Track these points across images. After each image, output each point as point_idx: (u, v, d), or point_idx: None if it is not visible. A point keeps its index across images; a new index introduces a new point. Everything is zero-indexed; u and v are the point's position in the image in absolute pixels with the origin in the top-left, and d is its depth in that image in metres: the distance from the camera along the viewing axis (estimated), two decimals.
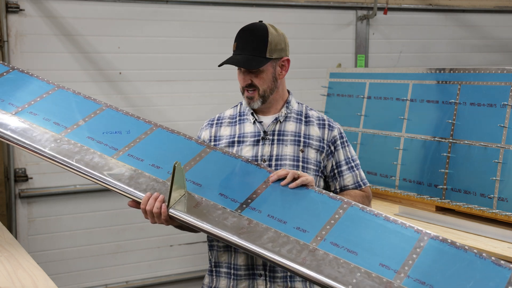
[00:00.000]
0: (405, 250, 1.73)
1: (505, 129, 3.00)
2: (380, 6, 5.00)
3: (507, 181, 2.97)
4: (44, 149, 2.11)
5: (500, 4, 5.62)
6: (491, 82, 3.13)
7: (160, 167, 2.04)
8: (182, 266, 4.64)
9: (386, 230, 1.81)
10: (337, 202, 1.91)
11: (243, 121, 2.21)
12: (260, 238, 1.80)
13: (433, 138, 3.40)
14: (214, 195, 1.95)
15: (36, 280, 2.16)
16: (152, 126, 2.21)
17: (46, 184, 4.16)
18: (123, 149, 2.10)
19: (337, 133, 2.20)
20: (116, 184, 2.00)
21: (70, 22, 4.15)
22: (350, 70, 4.25)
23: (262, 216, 1.87)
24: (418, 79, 3.59)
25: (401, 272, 1.68)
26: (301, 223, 1.84)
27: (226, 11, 4.61)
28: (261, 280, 2.09)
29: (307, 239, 1.79)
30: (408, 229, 1.80)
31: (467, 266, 1.68)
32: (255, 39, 2.12)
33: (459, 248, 1.72)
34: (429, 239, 1.76)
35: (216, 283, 2.19)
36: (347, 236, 1.79)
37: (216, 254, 2.19)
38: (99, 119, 2.23)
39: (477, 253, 1.70)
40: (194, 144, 2.14)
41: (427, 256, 1.72)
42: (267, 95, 2.15)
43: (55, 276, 4.11)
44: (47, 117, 2.23)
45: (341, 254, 1.74)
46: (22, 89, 2.38)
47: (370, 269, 1.69)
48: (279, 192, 1.95)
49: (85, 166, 2.06)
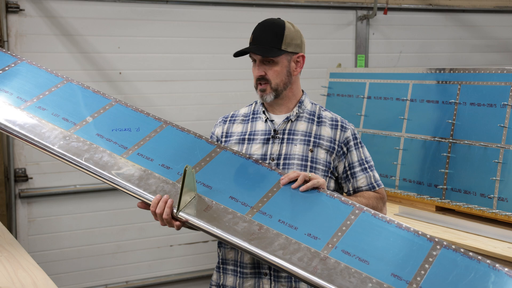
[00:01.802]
0: (418, 260, 1.71)
1: (505, 129, 3.00)
2: (380, 6, 5.00)
3: (507, 181, 2.97)
4: (53, 146, 2.06)
5: (500, 4, 5.62)
6: (491, 82, 3.13)
7: (170, 167, 2.01)
8: (182, 266, 4.64)
9: (398, 238, 1.78)
10: (349, 207, 1.88)
11: (255, 119, 2.22)
12: (271, 244, 1.77)
13: (433, 138, 3.40)
14: (224, 198, 1.91)
15: (36, 280, 2.16)
16: (162, 123, 2.17)
17: (46, 184, 4.16)
18: (133, 148, 2.07)
19: (350, 134, 2.19)
20: (126, 185, 1.96)
21: (70, 22, 4.15)
22: (350, 70, 4.25)
23: (273, 221, 1.84)
24: (418, 79, 3.59)
25: (413, 283, 1.65)
26: (312, 229, 1.81)
27: (226, 11, 4.61)
28: (267, 279, 2.10)
29: (318, 247, 1.76)
30: (421, 237, 1.77)
31: (480, 277, 1.65)
32: (272, 31, 2.13)
33: (472, 258, 1.70)
34: (442, 249, 1.73)
35: (223, 280, 2.19)
36: (359, 244, 1.76)
37: (224, 251, 2.20)
38: (108, 115, 2.18)
39: (490, 264, 1.68)
40: (204, 144, 2.10)
41: (440, 267, 1.69)
42: (280, 89, 2.15)
43: (55, 276, 4.11)
44: (56, 112, 2.18)
45: (352, 263, 1.71)
46: (30, 81, 2.33)
47: (381, 279, 1.66)
48: (290, 196, 1.91)
49: (94, 165, 2.01)
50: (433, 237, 1.77)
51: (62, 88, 2.29)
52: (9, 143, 4.00)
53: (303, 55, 2.20)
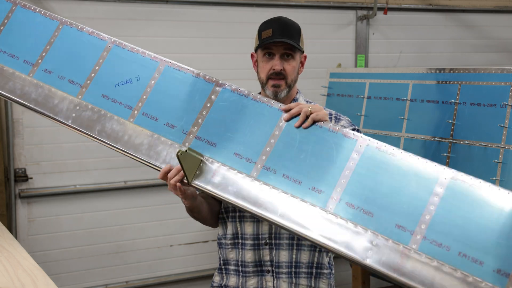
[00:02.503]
0: (423, 201, 1.67)
1: (505, 129, 3.00)
2: (380, 6, 5.00)
3: (507, 181, 2.97)
4: (67, 122, 2.19)
5: (500, 4, 5.61)
6: (491, 82, 3.13)
7: (175, 125, 2.06)
8: (182, 266, 4.63)
9: (405, 174, 1.74)
10: (352, 141, 1.85)
11: None
12: (277, 209, 1.80)
13: (433, 138, 3.40)
14: (229, 156, 1.94)
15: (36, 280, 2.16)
16: (159, 64, 2.19)
17: (46, 184, 4.16)
18: (137, 106, 2.13)
19: (345, 123, 2.21)
20: (137, 157, 2.06)
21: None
22: (350, 70, 4.25)
23: (277, 178, 1.86)
24: (418, 79, 3.59)
25: (418, 233, 1.64)
26: (316, 181, 1.81)
27: (226, 11, 4.61)
28: (269, 276, 2.11)
29: (322, 203, 1.77)
30: (427, 168, 1.72)
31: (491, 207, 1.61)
32: (292, 27, 2.16)
33: (480, 182, 1.65)
34: (449, 181, 1.68)
35: (226, 281, 2.20)
36: (362, 191, 1.75)
37: (225, 252, 2.21)
38: (108, 65, 2.24)
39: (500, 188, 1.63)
40: (203, 83, 2.11)
41: (445, 206, 1.65)
42: (292, 86, 2.18)
43: (55, 276, 4.11)
44: (61, 74, 2.26)
45: (357, 218, 1.72)
46: (30, 34, 2.38)
47: (386, 234, 1.67)
48: (292, 140, 1.91)
49: (107, 138, 2.12)
50: (438, 167, 1.71)
51: (60, 37, 2.34)
52: (9, 143, 4.00)
53: (306, 56, 2.24)
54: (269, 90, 2.16)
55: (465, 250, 1.59)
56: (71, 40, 2.32)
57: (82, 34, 2.32)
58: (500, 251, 1.55)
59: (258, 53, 2.18)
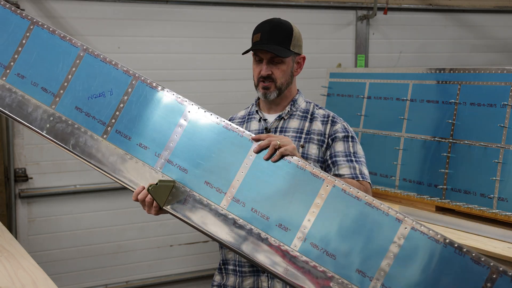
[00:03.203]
0: (384, 248, 1.74)
1: (505, 129, 3.00)
2: (380, 6, 5.00)
3: (507, 181, 2.97)
4: (42, 131, 2.16)
5: (500, 4, 5.61)
6: (491, 82, 3.13)
7: (148, 146, 2.05)
8: (182, 266, 4.63)
9: (368, 218, 1.79)
10: (319, 181, 1.87)
11: (250, 120, 2.27)
12: (245, 241, 1.87)
13: (433, 138, 3.40)
14: (200, 184, 1.96)
15: (36, 280, 2.16)
16: (132, 79, 2.14)
17: (46, 184, 4.16)
18: (110, 122, 2.11)
19: (339, 128, 2.18)
20: (111, 175, 2.09)
21: (70, 22, 4.15)
22: (350, 70, 4.26)
23: (246, 211, 1.89)
24: (418, 79, 3.59)
25: (377, 280, 1.71)
26: (283, 217, 1.86)
27: (226, 11, 4.61)
28: (264, 277, 2.13)
29: (288, 241, 1.83)
30: (390, 216, 1.77)
31: (446, 264, 1.68)
32: (282, 31, 2.15)
33: (438, 242, 1.71)
34: (409, 230, 1.74)
35: (225, 281, 2.22)
36: (328, 233, 1.80)
37: (224, 252, 2.23)
38: (81, 75, 2.18)
39: (457, 247, 1.69)
40: (175, 104, 2.09)
41: (404, 256, 1.72)
42: (283, 89, 2.18)
43: (55, 276, 4.11)
44: (34, 81, 2.21)
45: (320, 260, 1.78)
46: (2, 33, 2.28)
47: (347, 278, 1.74)
48: (261, 172, 1.93)
49: (81, 153, 2.11)
50: (401, 217, 1.76)
51: (31, 39, 2.26)
52: (9, 143, 4.00)
53: (304, 57, 2.23)
54: (259, 92, 2.19)
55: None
56: (43, 43, 2.24)
57: (54, 38, 2.24)
58: None
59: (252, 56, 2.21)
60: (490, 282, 1.62)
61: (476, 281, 1.64)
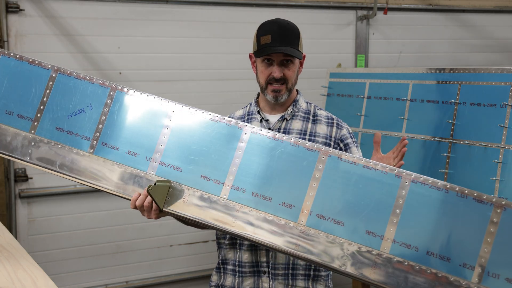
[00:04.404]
0: (388, 206, 1.76)
1: (505, 129, 3.00)
2: (380, 6, 5.00)
3: (507, 181, 2.97)
4: (25, 158, 2.15)
5: (500, 4, 5.61)
6: (491, 82, 3.13)
7: (137, 153, 2.04)
8: (182, 266, 4.64)
9: (368, 182, 1.81)
10: (314, 153, 1.88)
11: (250, 120, 2.23)
12: (252, 226, 1.86)
13: (433, 138, 3.40)
14: (196, 180, 1.95)
15: (36, 280, 2.16)
16: (110, 90, 2.12)
17: (46, 184, 4.16)
18: (95, 136, 2.09)
19: (346, 132, 2.21)
20: (105, 188, 2.05)
21: (70, 22, 4.15)
22: (350, 70, 4.25)
23: (247, 197, 1.89)
24: (418, 79, 3.59)
25: (387, 238, 1.73)
26: (286, 196, 1.86)
27: (226, 11, 4.61)
28: (265, 277, 2.11)
29: (294, 217, 1.83)
30: (389, 174, 1.79)
31: (450, 209, 1.72)
32: (292, 32, 2.15)
33: (440, 189, 1.74)
34: (410, 183, 1.76)
35: (223, 281, 2.20)
36: (332, 202, 1.82)
37: (223, 251, 2.21)
38: (56, 95, 2.15)
39: (459, 191, 1.73)
40: (158, 108, 2.07)
41: (410, 209, 1.75)
42: (292, 89, 2.19)
43: (55, 276, 4.11)
44: (8, 110, 2.18)
45: (329, 229, 1.80)
46: None
47: (358, 242, 1.76)
48: (255, 156, 1.93)
49: (69, 172, 2.10)
50: (401, 172, 1.79)
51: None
52: None
53: (305, 55, 2.24)
54: (269, 95, 2.16)
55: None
56: (11, 71, 2.21)
57: (22, 64, 2.21)
58: None
59: (257, 58, 2.18)
60: (496, 217, 1.66)
61: (482, 219, 1.68)
